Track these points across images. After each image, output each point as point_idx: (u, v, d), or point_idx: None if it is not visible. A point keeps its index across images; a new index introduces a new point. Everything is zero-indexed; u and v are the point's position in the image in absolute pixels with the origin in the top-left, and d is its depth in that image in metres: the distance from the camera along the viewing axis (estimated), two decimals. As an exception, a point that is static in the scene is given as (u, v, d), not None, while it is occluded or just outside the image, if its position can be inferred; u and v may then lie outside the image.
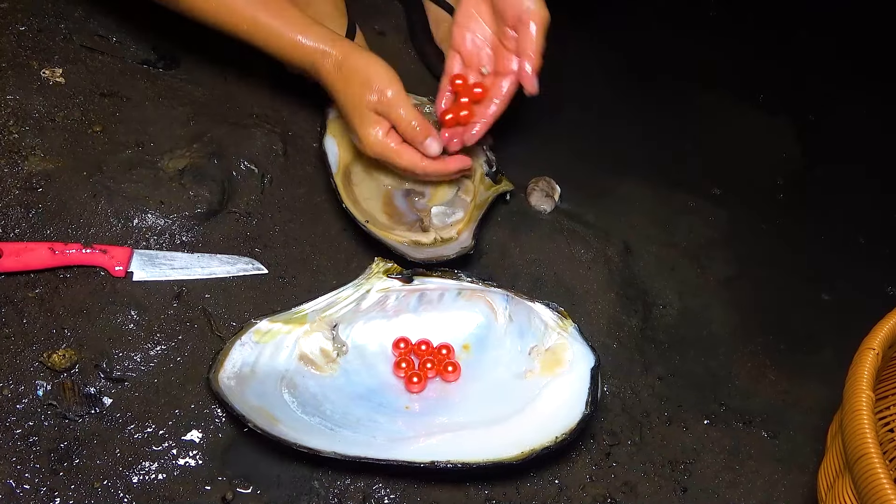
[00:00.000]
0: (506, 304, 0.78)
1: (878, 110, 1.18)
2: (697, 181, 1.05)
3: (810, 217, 1.04)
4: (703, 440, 0.79)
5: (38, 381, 0.68)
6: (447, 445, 0.69)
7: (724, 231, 1.00)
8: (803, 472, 0.78)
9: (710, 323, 0.90)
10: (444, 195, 0.90)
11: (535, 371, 0.75)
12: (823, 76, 1.22)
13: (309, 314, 0.75)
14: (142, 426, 0.68)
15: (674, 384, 0.83)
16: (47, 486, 0.64)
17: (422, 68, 1.06)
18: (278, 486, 0.68)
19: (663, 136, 1.09)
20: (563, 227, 0.92)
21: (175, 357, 0.72)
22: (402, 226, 0.85)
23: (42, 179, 0.77)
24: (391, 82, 0.79)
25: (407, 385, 0.74)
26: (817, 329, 0.92)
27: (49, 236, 0.75)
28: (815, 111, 1.17)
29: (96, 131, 0.82)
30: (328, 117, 0.89)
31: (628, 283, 0.90)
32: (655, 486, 0.75)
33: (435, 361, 0.75)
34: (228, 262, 0.79)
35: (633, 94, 1.13)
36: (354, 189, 0.85)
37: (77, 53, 0.86)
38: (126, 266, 0.75)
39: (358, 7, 1.05)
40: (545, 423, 0.70)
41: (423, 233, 0.84)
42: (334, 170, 0.85)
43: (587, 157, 1.03)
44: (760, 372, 0.87)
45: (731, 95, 1.16)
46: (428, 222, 0.86)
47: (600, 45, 1.16)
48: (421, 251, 0.81)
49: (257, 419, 0.66)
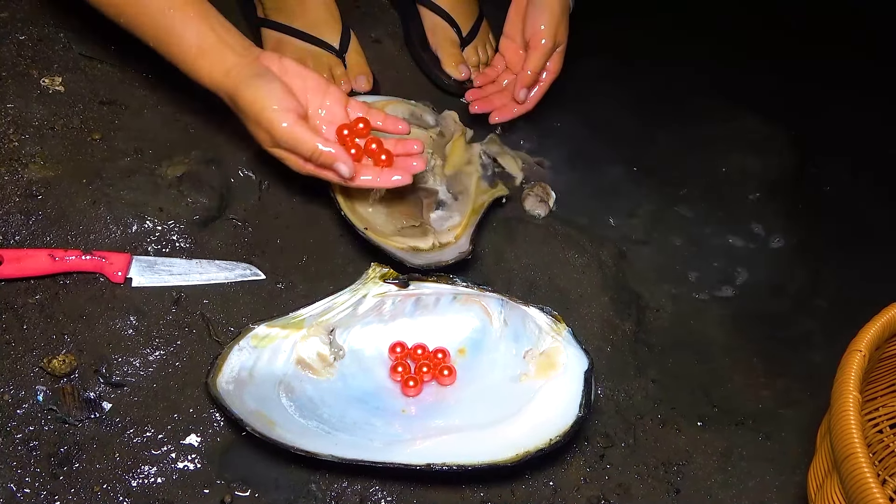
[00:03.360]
0: (501, 309, 0.79)
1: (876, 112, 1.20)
2: (691, 186, 1.06)
3: (803, 221, 1.05)
4: (696, 442, 0.80)
5: (39, 386, 0.69)
6: (443, 448, 0.69)
7: (716, 235, 1.01)
8: (794, 473, 0.78)
9: (702, 326, 0.91)
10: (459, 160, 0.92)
11: (530, 374, 0.76)
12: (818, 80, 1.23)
13: (306, 319, 0.76)
14: (141, 430, 0.69)
15: (667, 386, 0.84)
16: (47, 490, 0.64)
17: (418, 74, 1.07)
18: (276, 488, 0.69)
19: (658, 141, 1.10)
20: (558, 231, 0.93)
21: (174, 362, 0.73)
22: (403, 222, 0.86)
23: (42, 187, 0.78)
24: (282, 114, 0.72)
25: (403, 389, 0.75)
26: (808, 332, 0.93)
27: (49, 243, 0.76)
28: (810, 116, 1.18)
29: (95, 139, 0.83)
30: None
31: (622, 287, 0.91)
32: (649, 488, 0.76)
33: (431, 365, 0.76)
34: (226, 268, 0.79)
35: (629, 101, 1.14)
36: (352, 195, 0.86)
37: (76, 62, 0.87)
38: (125, 272, 0.76)
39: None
40: (540, 425, 0.71)
41: (422, 238, 0.85)
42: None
43: (581, 163, 1.04)
44: (752, 374, 0.88)
45: (724, 101, 1.17)
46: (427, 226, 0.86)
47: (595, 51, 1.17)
48: (419, 257, 0.82)
49: (255, 423, 0.67)
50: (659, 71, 1.19)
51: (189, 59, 0.73)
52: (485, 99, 1.00)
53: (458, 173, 0.93)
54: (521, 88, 0.96)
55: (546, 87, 0.98)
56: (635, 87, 1.16)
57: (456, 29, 1.06)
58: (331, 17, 0.99)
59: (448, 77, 1.05)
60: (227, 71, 0.73)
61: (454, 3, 1.06)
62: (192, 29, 0.72)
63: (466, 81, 1.05)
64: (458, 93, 1.06)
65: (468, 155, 0.95)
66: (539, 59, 0.94)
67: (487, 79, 1.02)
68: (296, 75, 0.77)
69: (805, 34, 1.30)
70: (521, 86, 0.96)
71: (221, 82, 0.73)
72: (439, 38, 1.06)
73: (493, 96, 1.00)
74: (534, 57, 0.94)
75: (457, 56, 1.05)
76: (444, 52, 1.05)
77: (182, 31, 0.72)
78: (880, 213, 1.08)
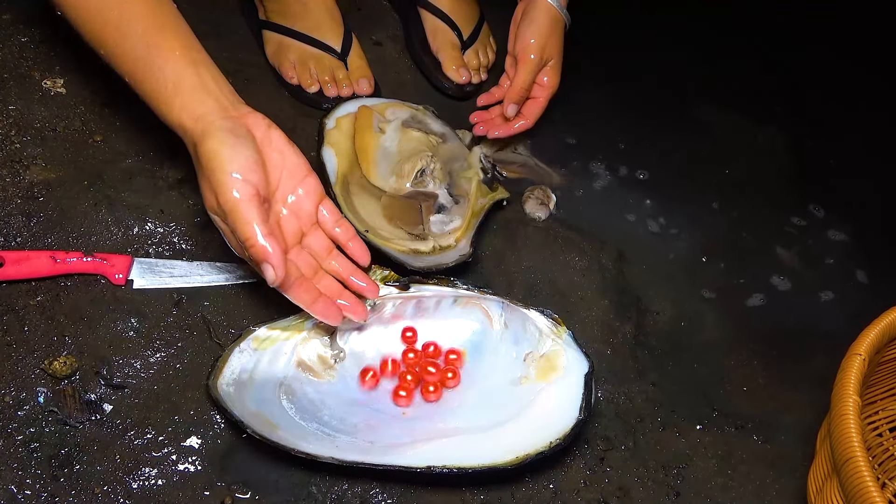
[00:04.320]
0: (501, 312, 0.79)
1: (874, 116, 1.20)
2: (692, 190, 1.06)
3: (803, 226, 1.05)
4: (696, 445, 0.80)
5: (40, 388, 0.69)
6: (443, 451, 0.69)
7: (716, 239, 1.01)
8: (794, 476, 0.79)
9: (702, 329, 0.91)
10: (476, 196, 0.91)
11: (530, 377, 0.76)
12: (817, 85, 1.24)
13: (307, 321, 0.76)
14: (142, 432, 0.69)
15: (667, 390, 0.84)
16: (48, 491, 0.64)
17: (419, 77, 1.08)
18: (276, 491, 0.69)
19: (659, 145, 1.11)
20: (558, 234, 0.93)
21: (175, 364, 0.73)
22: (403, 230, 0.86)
23: (43, 189, 0.78)
24: (238, 183, 0.64)
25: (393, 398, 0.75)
26: (808, 335, 0.93)
27: (50, 245, 0.76)
28: (811, 120, 1.18)
29: (97, 141, 0.83)
30: (325, 128, 0.90)
31: (622, 290, 0.91)
32: (649, 491, 0.76)
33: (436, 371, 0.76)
34: (227, 270, 0.80)
35: (630, 105, 1.15)
36: (353, 199, 0.86)
37: (78, 64, 0.87)
38: (126, 274, 0.76)
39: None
40: (540, 428, 0.71)
41: (422, 241, 0.85)
42: (333, 180, 0.86)
43: (582, 166, 1.04)
44: (752, 377, 0.88)
45: (726, 106, 1.18)
46: (427, 229, 0.87)
47: (597, 56, 1.18)
48: (421, 259, 0.82)
49: (256, 425, 0.67)
50: (659, 72, 1.20)
51: (163, 95, 0.66)
52: (489, 121, 0.97)
53: (458, 178, 0.93)
54: (509, 104, 0.93)
55: (544, 103, 0.95)
56: (640, 94, 1.16)
57: (457, 32, 1.06)
58: (332, 20, 0.99)
59: (449, 81, 1.05)
60: (199, 116, 0.66)
61: (455, 7, 1.06)
62: (172, 65, 0.67)
63: (467, 85, 1.05)
64: (459, 96, 1.06)
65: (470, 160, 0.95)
66: (526, 73, 0.91)
67: (493, 98, 0.98)
68: (277, 150, 0.70)
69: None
70: (508, 101, 0.93)
71: (190, 127, 0.66)
72: (440, 41, 1.06)
73: (498, 119, 0.97)
74: (521, 71, 0.91)
75: (457, 59, 1.05)
76: (445, 56, 1.05)
77: (162, 64, 0.67)
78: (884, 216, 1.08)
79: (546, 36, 0.91)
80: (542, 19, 0.91)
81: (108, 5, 0.68)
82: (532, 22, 0.91)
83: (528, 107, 0.96)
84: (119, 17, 0.68)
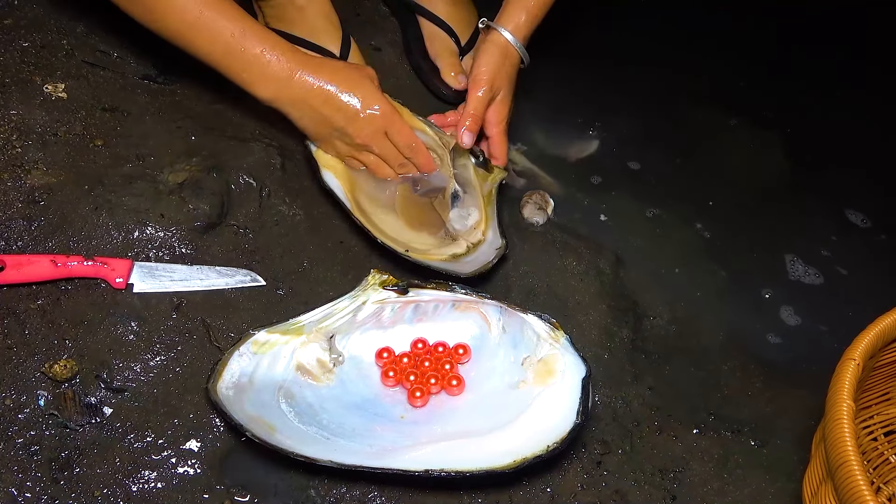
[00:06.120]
0: (499, 316, 0.80)
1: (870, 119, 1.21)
2: (688, 194, 1.07)
3: (799, 229, 1.06)
4: (693, 449, 0.81)
5: (40, 391, 0.69)
6: (441, 454, 0.70)
7: (714, 243, 1.02)
8: (790, 480, 0.79)
9: (699, 334, 0.92)
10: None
11: (528, 381, 0.76)
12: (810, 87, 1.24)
13: (306, 325, 0.76)
14: (141, 435, 0.69)
15: (664, 394, 0.85)
16: (48, 494, 0.65)
17: (417, 83, 1.08)
18: (275, 494, 0.69)
19: (654, 149, 1.11)
20: (556, 239, 0.94)
21: (174, 367, 0.74)
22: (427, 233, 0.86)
23: (44, 193, 0.78)
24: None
25: (410, 399, 0.75)
26: (805, 340, 0.93)
27: (51, 249, 0.76)
28: (804, 123, 1.19)
29: (98, 145, 0.83)
30: (312, 150, 0.88)
31: (619, 295, 0.92)
32: (645, 494, 0.76)
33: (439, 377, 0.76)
34: (227, 275, 0.80)
35: (624, 109, 1.15)
36: (372, 218, 0.85)
37: (79, 69, 0.88)
38: (126, 278, 0.76)
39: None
40: (537, 432, 0.71)
41: (454, 242, 0.85)
42: (349, 206, 0.85)
43: (580, 171, 1.05)
44: (749, 382, 0.88)
45: (719, 109, 1.18)
46: (451, 228, 0.87)
47: (591, 60, 1.18)
48: (464, 265, 0.83)
49: (255, 428, 0.67)
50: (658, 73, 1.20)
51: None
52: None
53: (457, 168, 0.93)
54: (461, 132, 0.92)
55: (501, 138, 0.95)
56: (634, 97, 1.17)
57: (455, 38, 1.07)
58: (331, 25, 0.99)
59: (447, 86, 1.06)
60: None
61: (452, 13, 1.07)
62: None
63: (464, 91, 1.06)
64: (456, 102, 1.06)
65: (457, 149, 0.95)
66: (474, 102, 0.92)
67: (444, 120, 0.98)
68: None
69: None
70: (459, 128, 0.93)
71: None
72: (438, 47, 1.07)
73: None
74: (470, 99, 0.92)
75: (455, 66, 1.06)
76: (443, 62, 1.06)
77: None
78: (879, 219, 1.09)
79: (497, 67, 0.92)
80: (495, 52, 0.92)
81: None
82: (484, 53, 0.93)
83: (490, 147, 0.96)
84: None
